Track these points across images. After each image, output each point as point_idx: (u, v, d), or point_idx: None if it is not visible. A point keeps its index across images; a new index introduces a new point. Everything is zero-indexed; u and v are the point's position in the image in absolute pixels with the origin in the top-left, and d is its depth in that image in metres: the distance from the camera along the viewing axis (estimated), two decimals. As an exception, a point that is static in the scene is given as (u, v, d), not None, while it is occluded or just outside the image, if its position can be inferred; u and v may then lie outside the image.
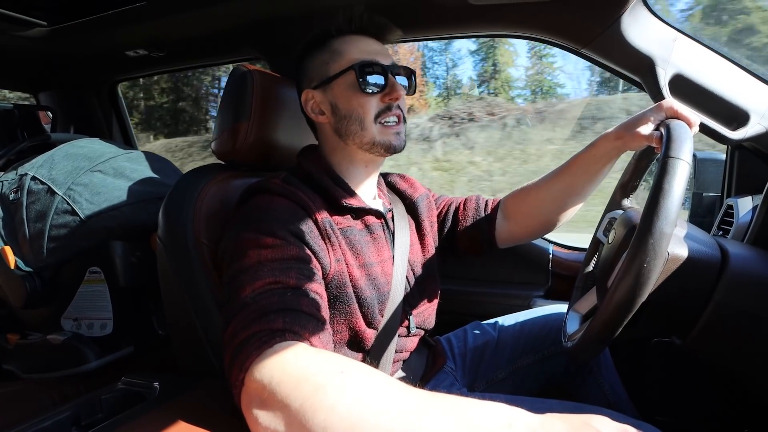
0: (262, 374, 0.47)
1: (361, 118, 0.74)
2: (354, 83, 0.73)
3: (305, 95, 0.78)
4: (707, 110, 0.93)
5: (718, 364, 0.72)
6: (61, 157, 1.08)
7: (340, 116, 0.75)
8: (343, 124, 0.75)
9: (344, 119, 0.75)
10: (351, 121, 0.75)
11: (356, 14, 0.76)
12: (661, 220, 0.51)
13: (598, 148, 0.78)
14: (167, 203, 0.80)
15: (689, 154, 0.55)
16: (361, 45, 0.76)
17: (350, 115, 0.74)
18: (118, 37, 1.29)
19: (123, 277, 1.07)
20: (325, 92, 0.76)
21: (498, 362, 0.96)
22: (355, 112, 0.74)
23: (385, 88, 0.74)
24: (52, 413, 0.61)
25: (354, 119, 0.74)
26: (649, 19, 0.90)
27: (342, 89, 0.75)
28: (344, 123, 0.75)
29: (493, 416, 0.42)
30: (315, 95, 0.77)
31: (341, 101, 0.75)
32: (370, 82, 0.73)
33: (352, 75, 0.73)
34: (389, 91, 0.74)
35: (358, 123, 0.74)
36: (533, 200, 0.88)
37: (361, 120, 0.74)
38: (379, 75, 0.74)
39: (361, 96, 0.74)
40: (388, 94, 0.74)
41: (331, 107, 0.76)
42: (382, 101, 0.75)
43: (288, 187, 0.70)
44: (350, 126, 0.75)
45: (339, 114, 0.75)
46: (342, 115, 0.75)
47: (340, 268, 0.70)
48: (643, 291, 0.53)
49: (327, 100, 0.76)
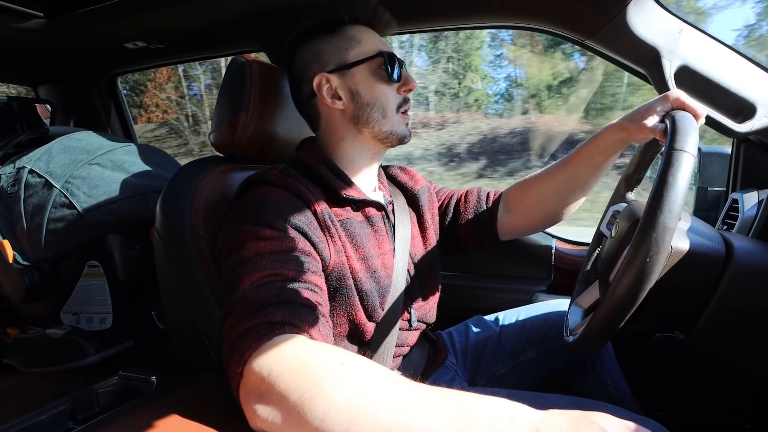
0: (261, 367, 0.46)
1: (384, 106, 0.75)
2: (378, 71, 0.75)
3: (319, 79, 0.75)
4: (713, 102, 0.91)
5: (721, 359, 0.71)
6: (58, 150, 1.07)
7: (361, 103, 0.75)
8: (364, 111, 0.75)
9: (366, 107, 0.75)
10: (374, 109, 0.75)
11: (371, 6, 0.77)
12: (665, 213, 0.50)
13: (602, 140, 0.77)
14: (165, 196, 0.79)
15: (694, 147, 0.54)
16: (374, 36, 0.78)
17: (374, 102, 0.75)
18: (117, 29, 1.28)
19: (122, 270, 1.07)
20: (344, 77, 0.75)
21: (500, 357, 0.95)
22: (378, 100, 0.75)
23: (401, 80, 0.77)
24: (49, 406, 0.60)
25: (378, 107, 0.75)
26: (654, 9, 0.88)
27: (364, 76, 0.75)
28: (366, 110, 0.75)
29: (495, 411, 0.41)
30: (331, 79, 0.75)
31: (363, 88, 0.75)
32: (395, 73, 0.75)
33: (376, 62, 0.75)
34: (405, 83, 0.77)
35: (381, 111, 0.75)
36: (536, 192, 0.87)
37: (383, 108, 0.75)
38: (397, 67, 0.76)
39: (384, 85, 0.76)
40: (404, 85, 0.77)
41: (351, 94, 0.75)
42: (398, 92, 0.77)
43: (287, 178, 0.69)
44: (372, 113, 0.75)
45: (360, 101, 0.75)
46: (364, 102, 0.75)
47: (340, 260, 0.69)
48: (646, 286, 0.52)
49: (346, 86, 0.76)
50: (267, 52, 1.28)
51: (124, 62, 1.59)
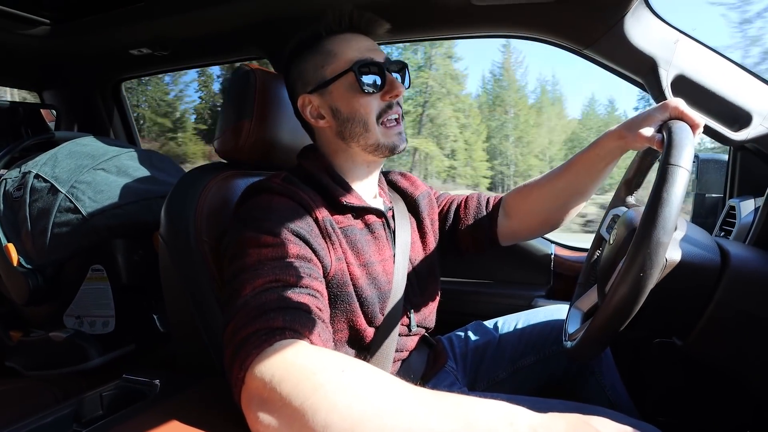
0: (262, 373, 0.46)
1: (365, 119, 0.74)
2: (353, 84, 0.73)
3: (302, 100, 0.77)
4: (710, 111, 0.92)
5: (718, 365, 0.72)
6: (64, 155, 1.08)
7: (342, 119, 0.75)
8: (346, 127, 0.75)
9: (347, 122, 0.74)
10: (354, 124, 0.74)
11: (345, 12, 0.75)
12: (659, 229, 0.51)
13: (600, 147, 0.78)
14: (169, 201, 0.80)
15: (689, 161, 0.55)
16: (353, 44, 0.75)
17: (353, 117, 0.74)
18: (122, 35, 1.30)
19: (125, 275, 1.08)
20: (323, 96, 0.76)
21: (499, 362, 0.96)
22: (357, 114, 0.74)
23: (384, 86, 0.74)
24: (53, 410, 0.61)
25: (357, 121, 0.74)
26: (651, 20, 0.90)
27: (341, 92, 0.74)
28: (347, 126, 0.75)
29: (495, 414, 0.42)
30: (312, 100, 0.76)
31: (342, 104, 0.74)
32: (370, 82, 0.73)
33: (350, 77, 0.73)
34: (389, 89, 0.74)
35: (362, 125, 0.74)
36: (535, 198, 0.88)
37: (364, 122, 0.74)
38: (376, 74, 0.73)
39: (361, 97, 0.73)
40: (387, 92, 0.74)
41: (332, 111, 0.75)
42: (382, 99, 0.74)
43: (288, 186, 0.70)
44: (354, 128, 0.74)
45: (341, 117, 0.75)
46: (344, 118, 0.75)
47: (341, 267, 0.70)
48: (640, 298, 0.53)
49: (326, 104, 0.76)
50: (270, 60, 1.29)
51: (128, 68, 1.60)
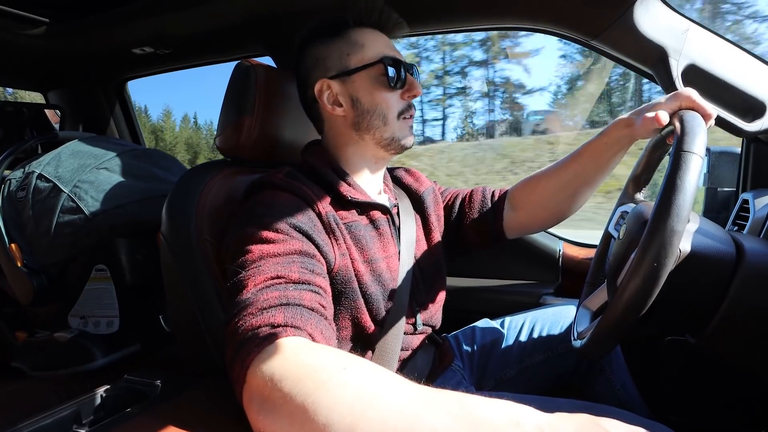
0: (263, 371, 0.46)
1: (385, 113, 0.74)
2: (379, 78, 0.74)
3: (320, 84, 0.75)
4: (722, 102, 0.90)
5: (733, 363, 0.70)
6: (67, 154, 1.08)
7: (361, 110, 0.75)
8: (364, 119, 0.75)
9: (366, 114, 0.74)
10: (374, 116, 0.74)
11: (377, 7, 0.75)
12: (673, 217, 0.49)
13: (608, 136, 0.76)
14: (170, 200, 0.79)
15: (702, 148, 0.53)
16: (380, 39, 0.76)
17: (374, 110, 0.74)
18: (124, 34, 1.29)
19: (129, 274, 1.08)
20: (345, 84, 0.75)
21: (507, 360, 0.94)
22: (379, 107, 0.74)
23: (406, 85, 0.75)
24: (54, 411, 0.60)
25: (378, 114, 0.74)
26: (660, 8, 0.87)
27: (365, 83, 0.74)
28: (366, 117, 0.75)
29: (501, 413, 0.40)
30: (332, 86, 0.75)
31: (363, 95, 0.74)
32: (396, 78, 0.74)
33: (377, 69, 0.73)
34: (410, 88, 0.76)
35: (381, 118, 0.74)
36: (542, 189, 0.86)
37: (384, 116, 0.74)
38: (400, 72, 0.74)
39: (385, 91, 0.74)
40: (408, 90, 0.76)
41: (351, 100, 0.75)
42: (402, 98, 0.76)
43: (291, 181, 0.69)
44: (373, 120, 0.74)
45: (360, 108, 0.75)
46: (364, 109, 0.74)
47: (345, 263, 0.69)
48: (653, 290, 0.51)
49: (347, 92, 0.75)
50: (272, 57, 1.28)
51: (131, 67, 1.60)
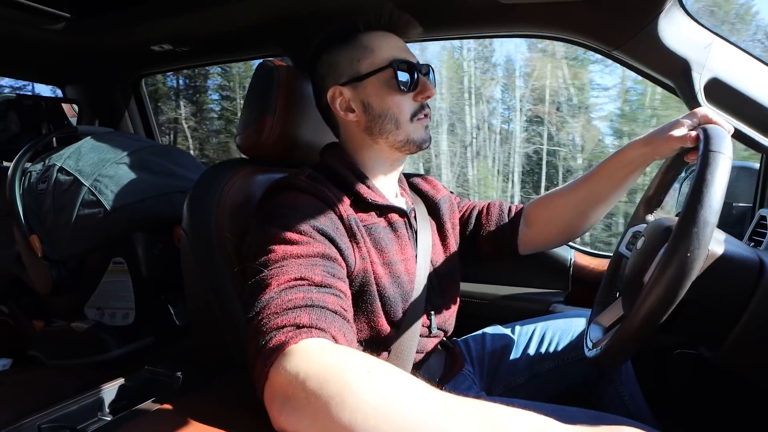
0: (287, 369, 0.46)
1: (397, 117, 0.74)
2: (389, 81, 0.73)
3: (333, 92, 0.77)
4: (743, 116, 0.90)
5: (750, 377, 0.70)
6: (88, 148, 1.10)
7: (373, 115, 0.75)
8: (376, 123, 0.75)
9: (378, 118, 0.75)
10: (386, 120, 0.75)
11: (386, 10, 0.76)
12: (705, 209, 0.50)
13: (625, 155, 0.77)
14: (192, 196, 0.80)
15: (730, 150, 0.54)
16: (391, 42, 0.76)
17: (385, 114, 0.74)
18: (144, 32, 1.31)
19: (145, 268, 1.09)
20: (356, 90, 0.76)
21: (516, 367, 0.95)
22: (390, 111, 0.74)
23: (417, 87, 0.75)
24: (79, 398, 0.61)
25: (390, 118, 0.74)
26: (685, 20, 0.87)
27: (376, 88, 0.74)
28: (378, 122, 0.75)
29: (523, 423, 0.41)
30: (344, 92, 0.76)
31: (375, 99, 0.75)
32: (406, 81, 0.73)
33: (387, 73, 0.73)
34: (421, 90, 0.75)
35: (393, 122, 0.75)
36: (555, 207, 0.87)
37: (396, 119, 0.75)
38: (411, 74, 0.74)
39: (396, 95, 0.74)
40: (420, 92, 0.75)
41: (363, 106, 0.76)
42: (414, 100, 0.75)
43: (314, 183, 0.70)
44: (385, 125, 0.75)
45: (372, 113, 0.75)
46: (376, 114, 0.75)
47: (365, 266, 0.69)
48: (686, 281, 0.51)
49: (358, 98, 0.76)
50: (290, 57, 1.29)
51: (149, 64, 1.62)
